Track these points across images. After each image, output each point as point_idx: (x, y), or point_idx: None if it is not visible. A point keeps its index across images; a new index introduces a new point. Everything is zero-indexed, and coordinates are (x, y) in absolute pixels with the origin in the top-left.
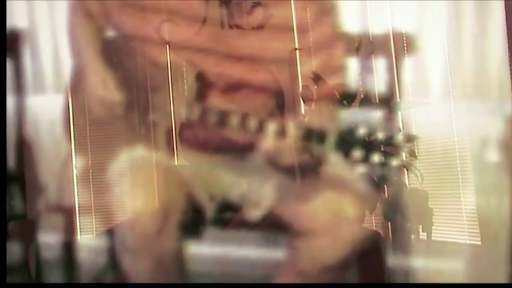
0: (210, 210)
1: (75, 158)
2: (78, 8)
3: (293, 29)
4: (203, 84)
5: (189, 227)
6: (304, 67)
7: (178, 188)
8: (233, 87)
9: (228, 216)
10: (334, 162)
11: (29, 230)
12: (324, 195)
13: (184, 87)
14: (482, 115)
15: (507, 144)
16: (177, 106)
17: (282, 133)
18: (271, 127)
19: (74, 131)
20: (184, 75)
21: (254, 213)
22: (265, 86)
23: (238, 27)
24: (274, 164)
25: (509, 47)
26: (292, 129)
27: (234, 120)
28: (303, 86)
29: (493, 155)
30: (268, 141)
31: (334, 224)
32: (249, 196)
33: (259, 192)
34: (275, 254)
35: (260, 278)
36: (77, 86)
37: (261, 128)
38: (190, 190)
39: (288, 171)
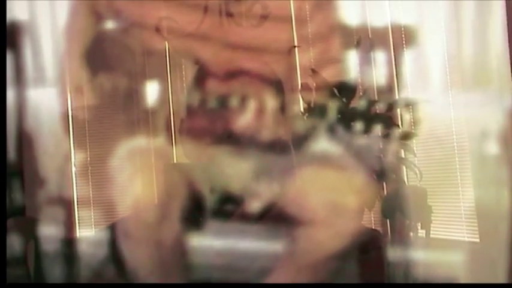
0: (211, 202)
1: (74, 151)
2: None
3: (291, 22)
4: (201, 74)
5: (190, 219)
6: (303, 59)
7: (179, 180)
8: (231, 75)
9: (230, 208)
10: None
11: (27, 227)
12: (322, 185)
13: (182, 77)
14: (482, 108)
15: (506, 138)
16: (176, 96)
17: (282, 110)
18: (270, 104)
19: (73, 125)
20: (183, 66)
21: (255, 205)
22: (262, 76)
23: (236, 19)
24: (270, 143)
25: (508, 40)
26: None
27: (233, 102)
28: (302, 84)
29: (493, 150)
30: (266, 119)
31: (332, 215)
32: (251, 188)
33: (260, 184)
34: (276, 246)
35: (261, 270)
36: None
37: (259, 107)
38: (191, 182)
39: (283, 150)
